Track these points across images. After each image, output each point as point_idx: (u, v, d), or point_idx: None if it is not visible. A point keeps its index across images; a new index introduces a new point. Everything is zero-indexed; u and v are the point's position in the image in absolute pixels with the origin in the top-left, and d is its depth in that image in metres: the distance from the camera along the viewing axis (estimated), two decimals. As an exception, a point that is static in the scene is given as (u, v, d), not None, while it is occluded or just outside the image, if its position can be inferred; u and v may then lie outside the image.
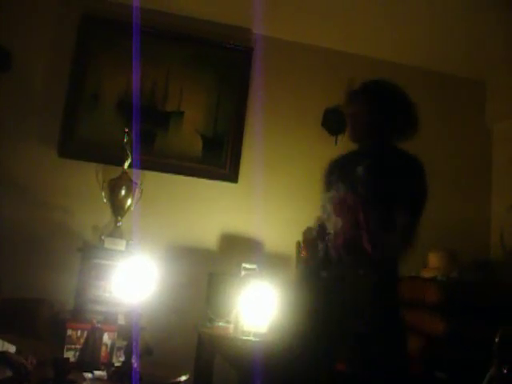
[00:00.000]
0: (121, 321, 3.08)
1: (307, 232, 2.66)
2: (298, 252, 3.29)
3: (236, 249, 3.81)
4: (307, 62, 4.18)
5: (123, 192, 3.52)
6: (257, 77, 4.06)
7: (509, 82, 4.25)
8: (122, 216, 3.55)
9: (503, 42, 3.86)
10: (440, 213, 4.07)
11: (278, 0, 3.66)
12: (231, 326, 3.29)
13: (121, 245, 3.41)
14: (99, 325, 2.91)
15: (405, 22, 3.78)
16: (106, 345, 2.88)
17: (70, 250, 3.52)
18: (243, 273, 3.43)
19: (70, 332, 2.88)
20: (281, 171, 3.98)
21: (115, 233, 3.50)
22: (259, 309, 3.21)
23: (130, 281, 2.80)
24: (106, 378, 2.58)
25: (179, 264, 3.67)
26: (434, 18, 3.69)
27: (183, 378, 2.74)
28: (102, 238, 3.43)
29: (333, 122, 4.05)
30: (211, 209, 3.88)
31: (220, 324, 3.37)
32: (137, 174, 3.64)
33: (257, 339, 3.13)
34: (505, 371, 2.40)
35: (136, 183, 3.60)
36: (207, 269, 3.63)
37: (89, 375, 2.56)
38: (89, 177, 3.64)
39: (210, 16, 3.99)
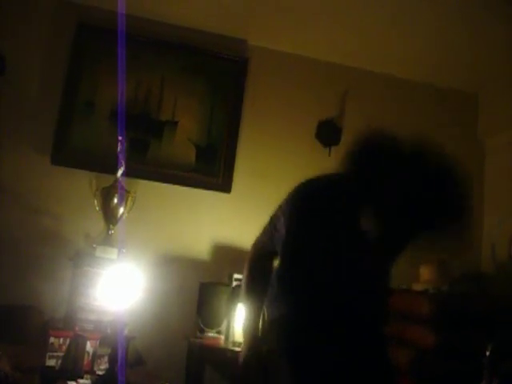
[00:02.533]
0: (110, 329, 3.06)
1: None
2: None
3: (228, 259, 3.80)
4: (302, 73, 4.20)
5: (116, 200, 3.51)
6: (251, 87, 4.07)
7: (502, 96, 4.28)
8: (114, 224, 3.55)
9: (496, 55, 3.89)
10: (432, 225, 4.08)
11: (273, 11, 3.69)
12: (222, 337, 3.28)
13: (112, 253, 3.40)
14: (82, 333, 2.89)
15: (399, 35, 3.80)
16: (88, 353, 2.87)
17: (61, 257, 3.51)
18: (234, 283, 3.42)
19: (52, 339, 2.87)
20: (274, 182, 3.97)
21: (107, 241, 3.49)
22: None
23: (118, 289, 2.79)
24: (89, 386, 2.56)
25: (170, 273, 3.66)
26: (427, 31, 3.72)
27: None
28: (94, 246, 3.42)
29: (326, 134, 4.06)
30: (204, 218, 3.87)
31: (210, 334, 3.36)
32: (130, 183, 3.64)
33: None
34: (495, 384, 2.41)
35: (129, 192, 3.59)
36: (198, 278, 3.61)
37: (73, 383, 2.54)
38: (81, 185, 3.64)
39: (206, 26, 4.00)
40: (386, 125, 2.53)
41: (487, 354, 2.42)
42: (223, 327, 3.32)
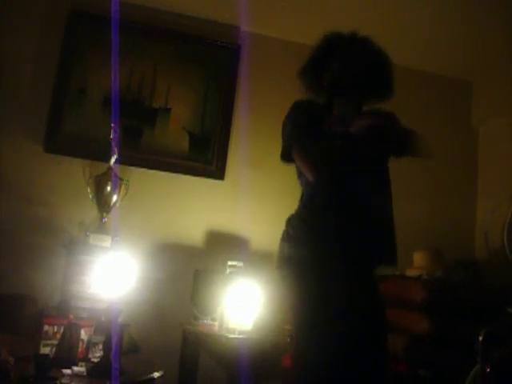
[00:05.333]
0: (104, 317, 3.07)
1: None
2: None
3: (222, 246, 3.81)
4: (295, 59, 4.14)
5: (109, 188, 3.50)
6: (244, 74, 4.05)
7: (496, 83, 4.28)
8: (107, 212, 3.54)
9: (491, 43, 3.88)
10: (425, 212, 4.11)
11: (266, -3, 3.67)
12: (216, 324, 3.29)
13: (106, 241, 3.39)
14: (76, 320, 2.89)
15: (392, 21, 3.79)
16: (83, 340, 2.87)
17: (55, 245, 3.50)
18: (229, 270, 3.42)
19: (46, 327, 2.87)
20: (267, 169, 3.96)
21: (101, 229, 3.48)
22: (244, 306, 3.20)
23: (113, 277, 2.79)
24: (84, 373, 2.56)
25: (165, 261, 3.66)
26: (421, 18, 3.70)
27: (157, 375, 2.73)
28: (88, 234, 3.42)
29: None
30: (197, 206, 3.87)
31: (205, 321, 3.37)
32: (123, 170, 3.63)
33: (242, 337, 3.13)
34: (488, 370, 2.42)
35: (122, 179, 3.58)
36: (193, 266, 3.62)
37: (68, 371, 2.54)
38: (75, 172, 3.62)
39: (199, 13, 3.98)
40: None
41: (480, 339, 2.44)
42: (218, 314, 3.32)
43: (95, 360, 2.76)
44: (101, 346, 2.79)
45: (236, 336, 3.13)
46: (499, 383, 2.41)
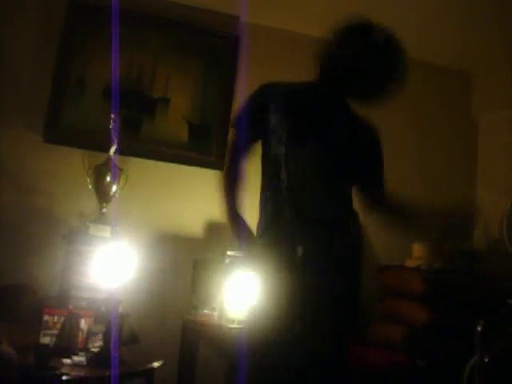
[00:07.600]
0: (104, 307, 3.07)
1: None
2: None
3: (221, 236, 3.80)
4: (295, 50, 4.16)
5: (108, 178, 3.49)
6: (244, 64, 4.04)
7: (495, 74, 4.27)
8: (107, 202, 3.53)
9: (491, 34, 3.87)
10: (424, 203, 4.10)
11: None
12: (216, 314, 3.30)
13: (106, 231, 3.39)
14: (76, 310, 2.90)
15: (392, 11, 3.77)
16: (83, 330, 2.87)
17: (54, 236, 3.50)
18: (228, 260, 3.43)
19: (46, 317, 2.87)
20: (267, 159, 3.96)
21: (100, 219, 3.48)
22: (244, 296, 3.21)
23: (112, 267, 2.79)
24: (84, 363, 2.57)
25: (164, 251, 3.67)
26: (421, 7, 3.69)
27: (156, 364, 2.74)
28: (87, 224, 3.42)
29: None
30: (197, 196, 3.87)
31: (204, 311, 3.38)
32: (123, 161, 3.62)
33: (241, 326, 3.14)
34: (486, 360, 2.43)
35: (121, 169, 3.58)
36: (192, 256, 3.63)
37: (68, 361, 2.55)
38: (74, 163, 3.60)
39: (198, 3, 3.96)
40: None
41: (479, 330, 2.46)
42: (217, 304, 3.33)
43: (95, 350, 2.77)
44: (100, 336, 2.79)
45: (235, 326, 3.14)
46: (497, 374, 2.42)
